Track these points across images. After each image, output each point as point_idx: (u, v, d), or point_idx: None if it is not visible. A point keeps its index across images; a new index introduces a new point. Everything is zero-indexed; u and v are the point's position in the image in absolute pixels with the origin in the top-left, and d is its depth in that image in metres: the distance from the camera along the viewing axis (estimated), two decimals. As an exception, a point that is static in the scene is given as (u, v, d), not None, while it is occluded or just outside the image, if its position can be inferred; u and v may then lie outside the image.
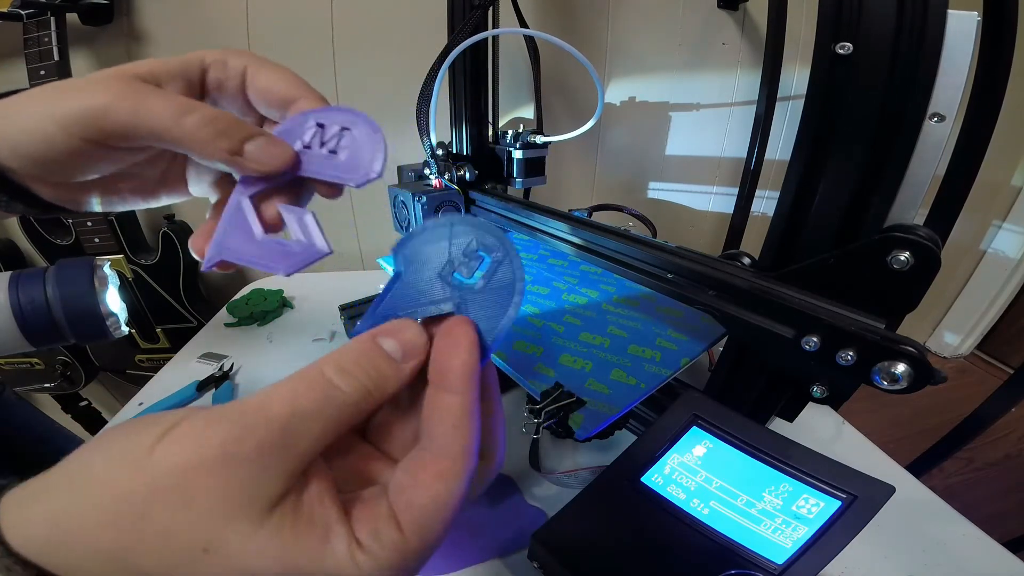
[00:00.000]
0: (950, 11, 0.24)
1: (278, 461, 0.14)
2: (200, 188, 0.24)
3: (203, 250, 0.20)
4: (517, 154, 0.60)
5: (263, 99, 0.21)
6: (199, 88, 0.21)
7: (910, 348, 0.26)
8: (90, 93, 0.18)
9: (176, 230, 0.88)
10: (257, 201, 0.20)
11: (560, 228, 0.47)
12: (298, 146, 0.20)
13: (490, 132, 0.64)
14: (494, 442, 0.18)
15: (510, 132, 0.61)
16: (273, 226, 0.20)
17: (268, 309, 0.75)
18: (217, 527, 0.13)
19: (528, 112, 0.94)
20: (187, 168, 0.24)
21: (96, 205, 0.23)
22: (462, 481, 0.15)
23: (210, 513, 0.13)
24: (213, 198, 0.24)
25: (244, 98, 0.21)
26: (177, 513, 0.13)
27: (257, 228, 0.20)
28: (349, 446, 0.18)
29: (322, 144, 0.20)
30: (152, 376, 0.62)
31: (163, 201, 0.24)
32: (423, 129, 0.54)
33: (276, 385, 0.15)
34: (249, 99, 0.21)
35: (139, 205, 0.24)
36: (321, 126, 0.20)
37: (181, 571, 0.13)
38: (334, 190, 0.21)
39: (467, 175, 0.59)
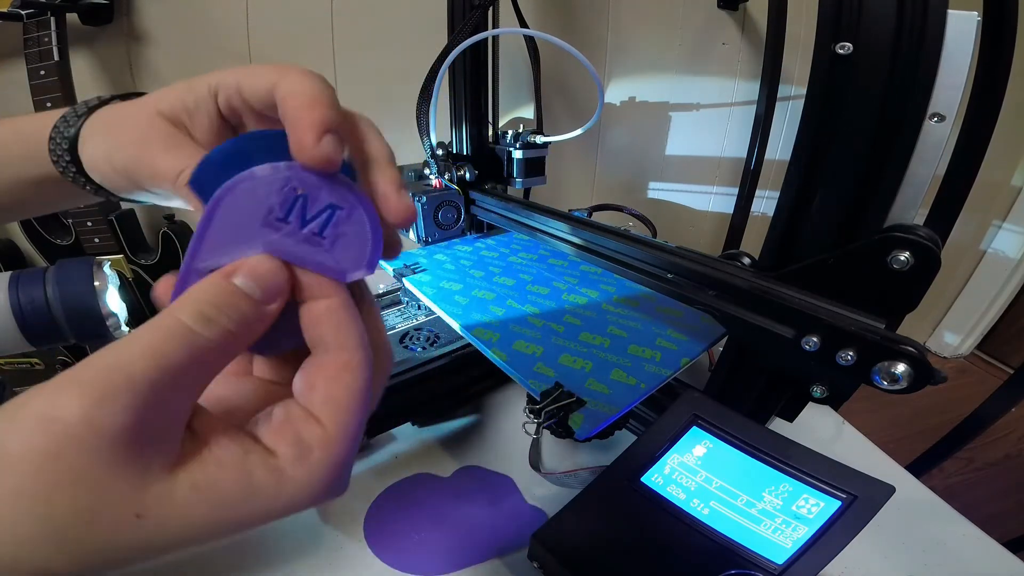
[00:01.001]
0: (950, 11, 0.24)
1: (156, 421, 0.13)
2: None
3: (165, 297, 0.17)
4: (517, 154, 0.60)
5: (259, 104, 0.19)
6: (218, 116, 0.20)
7: (910, 348, 0.26)
8: (136, 144, 0.20)
9: (176, 230, 0.88)
10: None
11: (560, 228, 0.47)
12: (259, 213, 0.16)
13: (490, 132, 0.64)
14: (379, 334, 0.19)
15: (510, 132, 0.61)
16: None
17: (268, 309, 0.75)
18: (133, 495, 0.12)
19: (528, 112, 0.94)
20: None
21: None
22: (365, 370, 0.16)
23: (114, 486, 0.12)
24: None
25: (258, 113, 0.20)
26: (78, 498, 0.12)
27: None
28: (239, 383, 0.19)
29: (304, 223, 0.16)
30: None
31: None
32: (423, 129, 0.54)
33: (130, 340, 0.13)
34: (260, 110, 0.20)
35: None
36: (298, 194, 0.16)
37: (124, 538, 0.12)
38: None
39: (467, 175, 0.59)
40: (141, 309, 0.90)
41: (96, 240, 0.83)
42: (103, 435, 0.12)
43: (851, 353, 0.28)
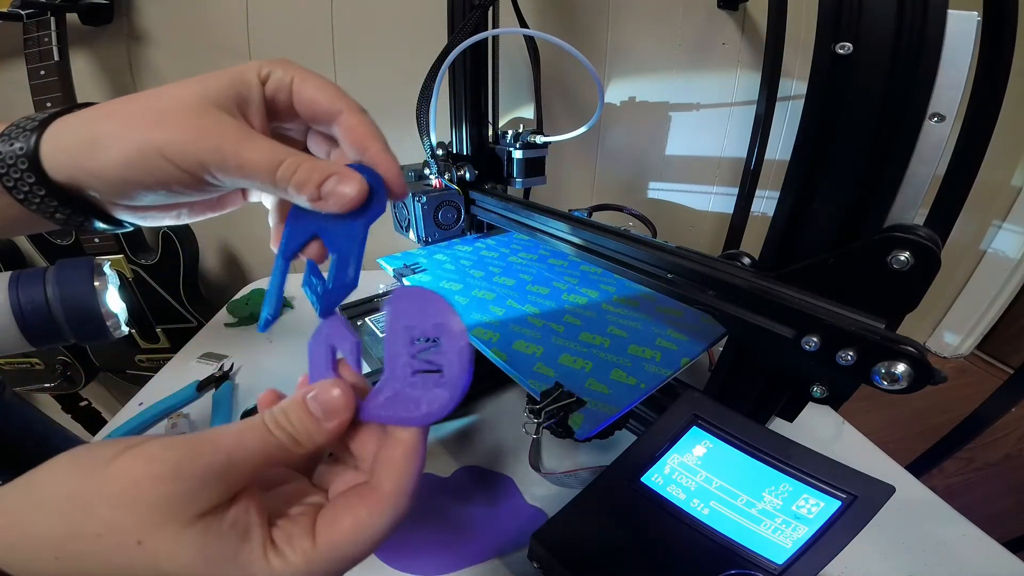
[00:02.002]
0: (950, 11, 0.24)
1: (217, 481, 0.16)
2: (257, 195, 0.25)
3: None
4: (517, 154, 0.60)
5: (307, 111, 0.21)
6: (265, 104, 0.21)
7: (910, 348, 0.26)
8: (194, 135, 0.18)
9: (176, 230, 0.88)
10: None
11: (560, 228, 0.47)
12: (404, 332, 0.19)
13: (490, 132, 0.64)
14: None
15: (510, 132, 0.61)
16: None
17: (268, 309, 0.75)
18: (153, 526, 0.15)
19: (528, 112, 0.94)
20: None
21: (165, 220, 0.23)
22: (387, 517, 0.18)
23: (149, 514, 0.15)
24: (268, 203, 0.24)
25: (292, 109, 0.22)
26: (119, 512, 0.15)
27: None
28: (295, 483, 0.21)
29: (419, 352, 0.19)
30: (152, 376, 0.62)
31: (226, 210, 0.25)
32: (423, 129, 0.54)
33: (228, 425, 0.17)
34: (296, 110, 0.22)
35: (203, 217, 0.24)
36: (434, 339, 0.19)
37: (115, 559, 0.15)
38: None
39: (467, 175, 0.59)
40: (141, 309, 0.90)
41: (96, 240, 0.83)
42: (179, 478, 0.15)
43: (851, 353, 0.28)
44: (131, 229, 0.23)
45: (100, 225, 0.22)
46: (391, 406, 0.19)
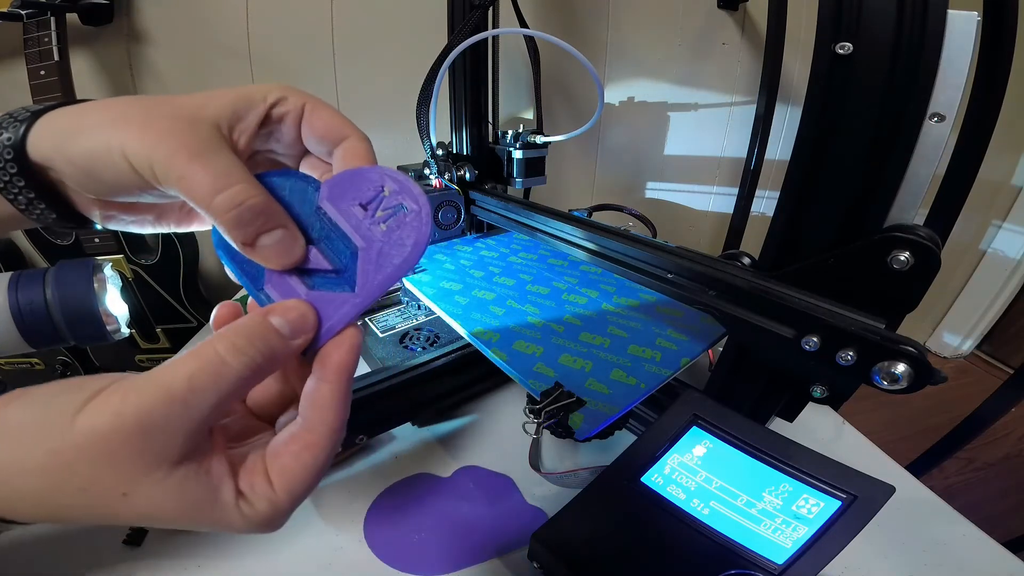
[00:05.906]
0: (950, 11, 0.24)
1: (181, 428, 0.16)
2: None
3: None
4: (517, 154, 0.60)
5: (316, 135, 0.22)
6: (263, 122, 0.21)
7: (910, 348, 0.26)
8: (158, 138, 0.18)
9: (176, 230, 0.88)
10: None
11: (560, 228, 0.47)
12: (354, 207, 0.20)
13: (490, 132, 0.64)
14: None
15: (510, 132, 0.61)
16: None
17: (268, 309, 0.75)
18: (134, 478, 0.16)
19: (528, 112, 0.94)
20: None
21: (131, 226, 0.23)
22: (326, 453, 0.19)
23: (129, 468, 0.16)
24: None
25: (298, 132, 0.22)
26: (99, 468, 0.15)
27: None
28: (237, 410, 0.22)
29: (376, 210, 0.19)
30: (152, 376, 0.62)
31: (192, 227, 0.25)
32: (423, 130, 0.54)
33: (177, 362, 0.17)
34: (301, 133, 0.22)
35: (166, 229, 0.24)
36: (381, 189, 0.19)
37: (101, 510, 0.16)
38: None
39: (467, 175, 0.59)
40: (141, 309, 0.90)
41: (96, 240, 0.83)
42: (145, 433, 0.16)
43: (851, 353, 0.28)
44: (99, 230, 0.23)
45: (97, 225, 0.22)
46: (382, 261, 0.19)
